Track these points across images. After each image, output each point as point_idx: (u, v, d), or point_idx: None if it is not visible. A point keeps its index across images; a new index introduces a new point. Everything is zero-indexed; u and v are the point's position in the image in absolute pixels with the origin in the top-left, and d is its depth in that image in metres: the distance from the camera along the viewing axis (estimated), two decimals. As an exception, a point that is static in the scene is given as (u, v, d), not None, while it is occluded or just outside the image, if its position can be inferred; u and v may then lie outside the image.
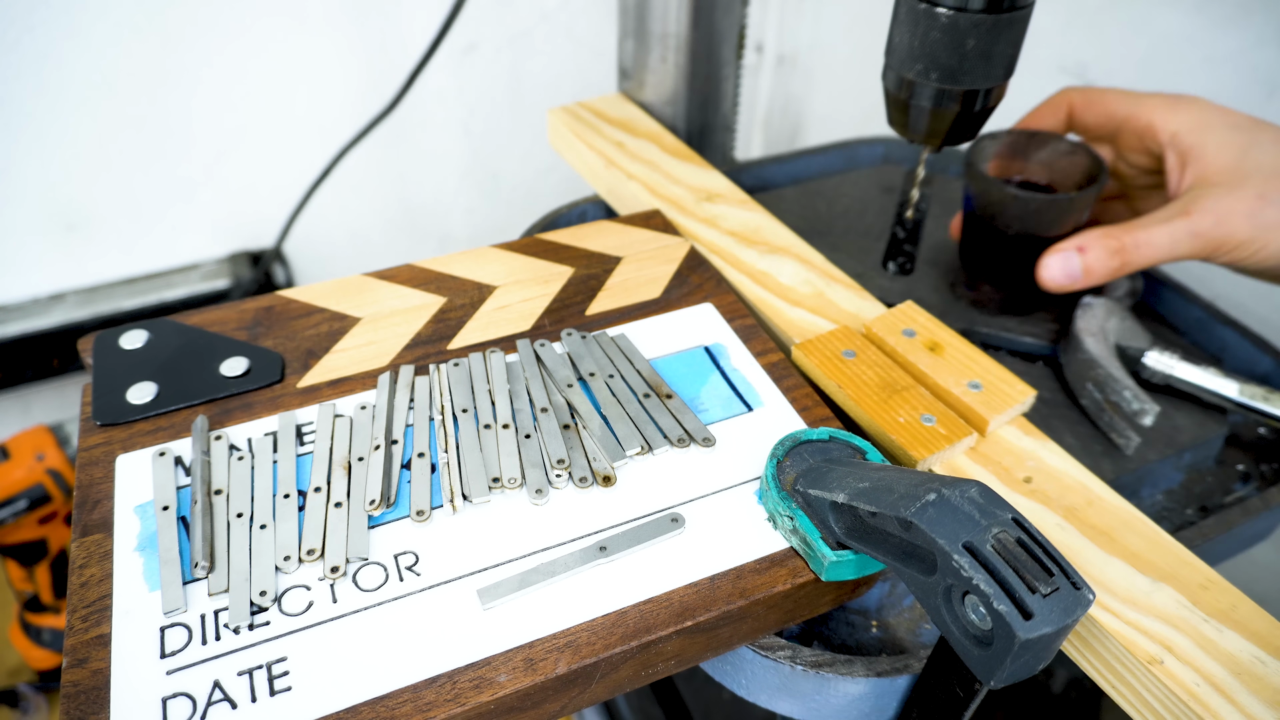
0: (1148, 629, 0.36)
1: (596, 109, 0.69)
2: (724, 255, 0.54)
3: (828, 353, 0.46)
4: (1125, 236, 0.50)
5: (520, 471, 0.39)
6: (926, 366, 0.46)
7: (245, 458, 0.40)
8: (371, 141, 1.00)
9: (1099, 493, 0.41)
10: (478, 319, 0.48)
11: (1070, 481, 0.42)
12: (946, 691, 0.33)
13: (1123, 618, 0.36)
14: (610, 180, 0.62)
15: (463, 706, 0.31)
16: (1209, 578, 0.38)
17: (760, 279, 0.53)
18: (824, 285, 0.52)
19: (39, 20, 0.86)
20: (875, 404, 0.44)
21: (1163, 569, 0.38)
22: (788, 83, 1.24)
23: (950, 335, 0.47)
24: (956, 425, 0.43)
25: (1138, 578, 0.38)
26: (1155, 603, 0.37)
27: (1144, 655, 0.35)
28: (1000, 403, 0.44)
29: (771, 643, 0.38)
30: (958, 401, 0.44)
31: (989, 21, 0.42)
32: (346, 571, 0.35)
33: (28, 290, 1.01)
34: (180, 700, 0.31)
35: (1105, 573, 0.38)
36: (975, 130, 0.47)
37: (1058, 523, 0.40)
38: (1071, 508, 0.41)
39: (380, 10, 0.99)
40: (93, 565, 0.36)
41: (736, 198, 0.60)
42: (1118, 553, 0.39)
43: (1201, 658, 0.35)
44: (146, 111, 0.95)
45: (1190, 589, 0.37)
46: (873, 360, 0.46)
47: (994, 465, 0.42)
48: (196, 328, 0.46)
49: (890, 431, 0.42)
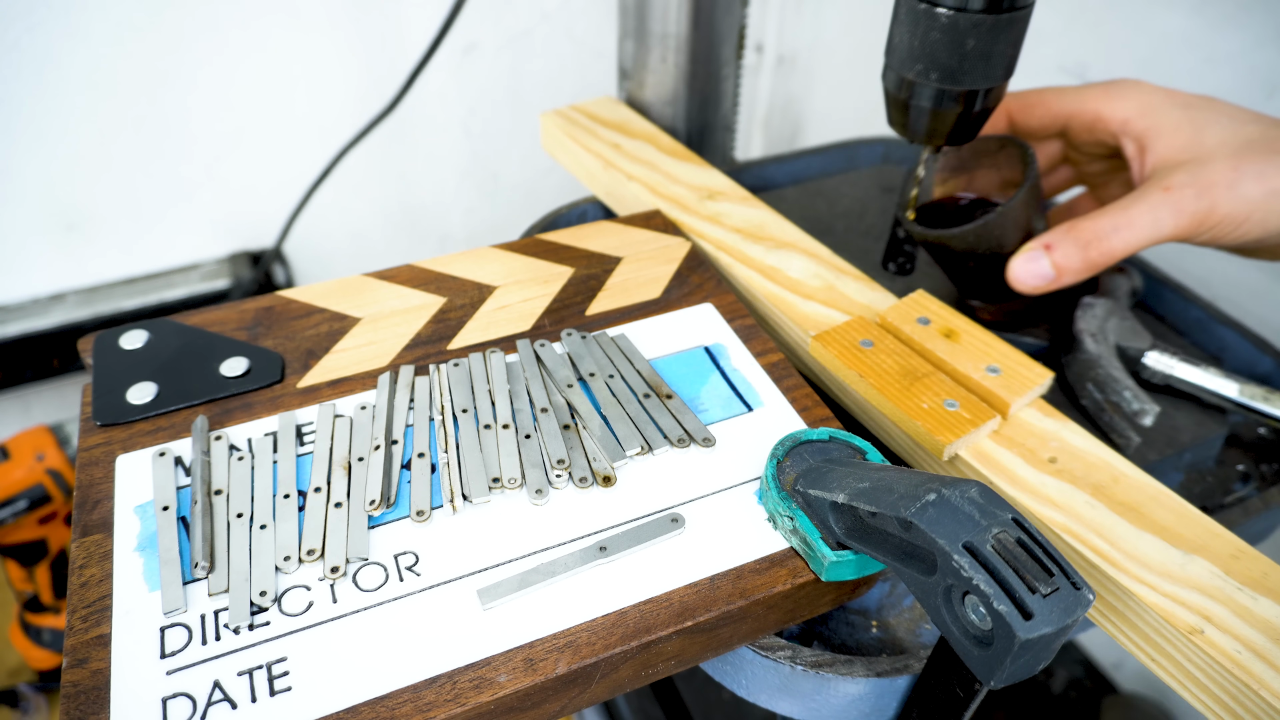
0: (1185, 600, 0.36)
1: (589, 112, 0.69)
2: (731, 252, 0.54)
3: (846, 343, 0.47)
4: (1096, 225, 0.48)
5: (520, 472, 0.39)
6: (944, 353, 0.46)
7: (245, 458, 0.40)
8: (371, 141, 1.00)
9: (1123, 469, 0.42)
10: (478, 319, 0.48)
11: (1094, 460, 0.42)
12: (946, 691, 0.33)
13: (1160, 590, 0.37)
14: (609, 182, 0.62)
15: (463, 707, 0.31)
16: (1239, 548, 0.39)
17: (770, 274, 0.53)
18: (834, 278, 0.53)
19: (39, 20, 0.86)
20: (898, 392, 0.44)
21: (1193, 541, 0.39)
22: (788, 83, 1.24)
23: (964, 321, 0.48)
24: (980, 409, 0.43)
25: (1170, 551, 0.38)
26: (1190, 574, 0.37)
27: (1184, 626, 0.35)
28: (1020, 385, 0.44)
29: (771, 643, 0.38)
30: (978, 386, 0.44)
31: (989, 21, 0.42)
32: (346, 571, 0.35)
33: (28, 290, 1.01)
34: (180, 700, 0.31)
35: (1139, 547, 0.38)
36: (975, 130, 0.47)
37: (1087, 500, 0.40)
38: (1098, 485, 0.41)
39: (380, 10, 0.99)
40: (93, 565, 0.36)
41: (738, 195, 0.60)
42: (1148, 527, 0.39)
43: (1240, 625, 0.35)
44: (146, 112, 0.95)
45: (1222, 559, 0.38)
46: (891, 349, 0.46)
47: (1018, 447, 0.43)
48: (196, 328, 0.46)
49: (915, 418, 0.43)
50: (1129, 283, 0.57)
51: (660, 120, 0.70)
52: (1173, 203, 0.47)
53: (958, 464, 0.43)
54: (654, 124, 0.69)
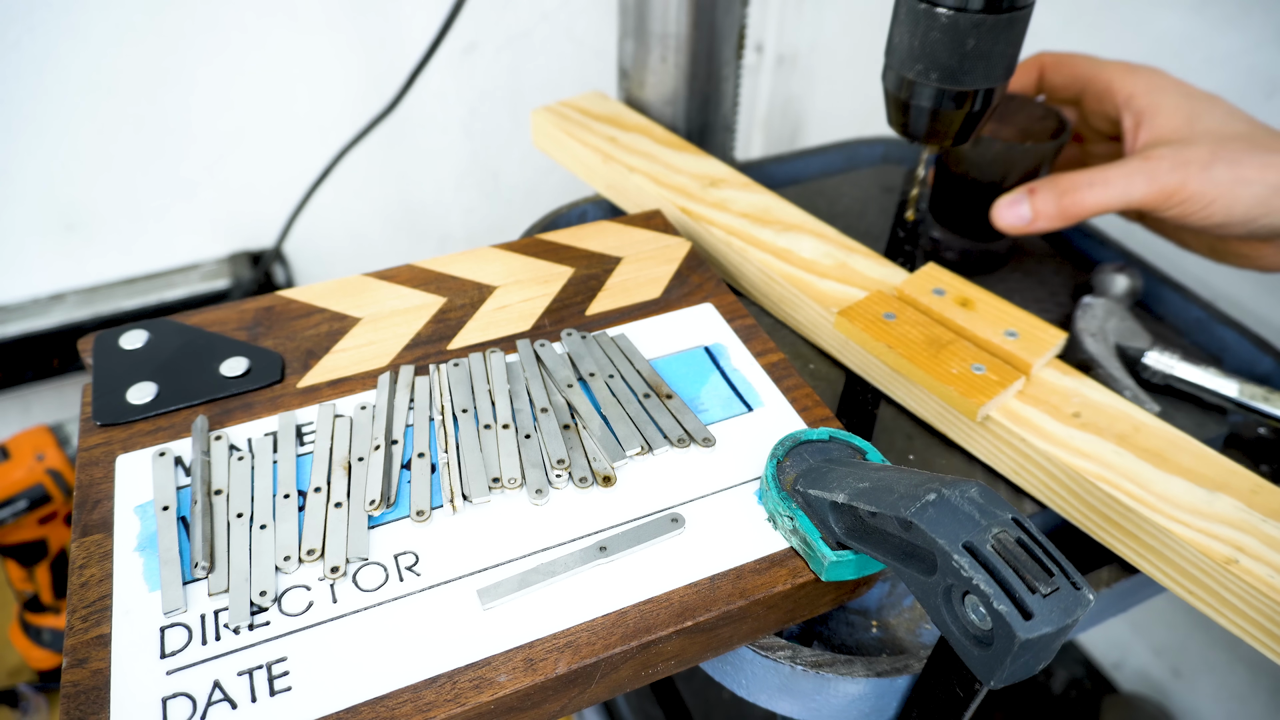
0: (1216, 534, 0.39)
1: (580, 107, 0.69)
2: (742, 236, 0.55)
3: (870, 317, 0.48)
4: (1074, 178, 0.52)
5: (520, 471, 0.39)
6: (963, 321, 0.48)
7: (245, 458, 0.40)
8: (371, 141, 1.00)
9: (1143, 419, 0.45)
10: (478, 319, 0.48)
11: (1115, 412, 0.45)
12: (946, 691, 0.33)
13: (1193, 526, 0.39)
14: (610, 175, 0.62)
15: (463, 706, 0.31)
16: (1257, 483, 0.41)
17: (783, 255, 0.54)
18: (845, 256, 0.54)
19: (39, 20, 0.86)
20: (927, 360, 0.46)
21: (1215, 480, 0.42)
22: (788, 83, 1.24)
23: (977, 291, 0.50)
24: (1005, 371, 0.45)
25: (1196, 490, 0.41)
26: (1217, 510, 0.40)
27: (1219, 557, 0.38)
28: (1039, 347, 0.46)
29: (771, 643, 0.38)
30: (999, 349, 0.47)
31: (989, 21, 0.42)
32: (346, 571, 0.35)
33: (28, 290, 1.01)
34: (180, 700, 0.31)
35: (1167, 489, 0.41)
36: (975, 130, 0.47)
37: (1113, 449, 0.43)
38: (1122, 434, 0.44)
39: (380, 10, 0.99)
40: (93, 565, 0.36)
41: (739, 181, 0.61)
42: (1172, 470, 0.42)
43: (1270, 553, 0.38)
44: (146, 111, 0.95)
45: (1243, 494, 0.41)
46: (913, 320, 0.48)
47: (1044, 404, 0.45)
48: (196, 328, 0.46)
49: (947, 383, 0.45)
50: (1129, 282, 0.57)
51: (660, 120, 0.70)
52: (1148, 171, 0.50)
53: (990, 424, 0.45)
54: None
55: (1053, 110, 0.58)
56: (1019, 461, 0.45)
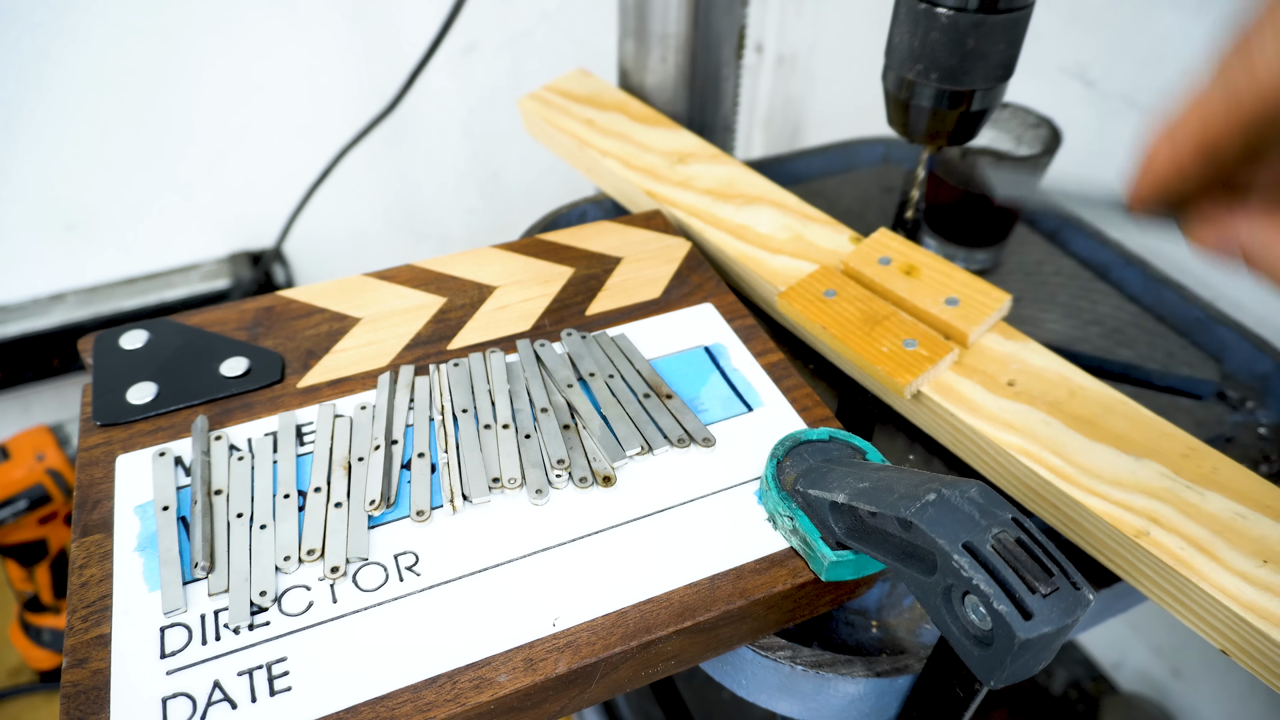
0: (1132, 504, 0.38)
1: (562, 89, 0.69)
2: (702, 216, 0.55)
3: (810, 296, 0.48)
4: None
5: (520, 471, 0.39)
6: (904, 291, 0.47)
7: (245, 458, 0.40)
8: (371, 141, 1.00)
9: (1080, 382, 0.44)
10: (478, 319, 0.48)
11: (1053, 377, 0.44)
12: (946, 691, 0.33)
13: (1108, 499, 0.39)
14: (587, 160, 0.63)
15: (463, 706, 0.31)
16: (1189, 445, 0.41)
17: (740, 233, 0.54)
18: (801, 226, 0.54)
19: (39, 20, 0.86)
20: (859, 339, 0.45)
21: (1145, 445, 0.41)
22: (788, 83, 1.24)
23: (924, 255, 0.49)
24: (938, 345, 0.44)
25: (1121, 458, 0.40)
26: (1139, 479, 0.39)
27: (1131, 530, 0.38)
28: (977, 314, 0.46)
29: (771, 643, 0.38)
30: (936, 320, 0.46)
31: (989, 22, 0.42)
32: (346, 571, 0.35)
33: (28, 290, 1.01)
34: (180, 700, 0.31)
35: (1091, 459, 0.40)
36: (975, 130, 0.47)
37: (1043, 419, 0.42)
38: (1055, 402, 0.43)
39: (380, 10, 0.99)
40: (93, 565, 0.36)
41: (708, 153, 0.61)
42: (1101, 437, 0.41)
43: (1184, 523, 0.38)
44: (146, 111, 0.95)
45: (1172, 459, 0.40)
46: (853, 295, 0.48)
47: (979, 374, 0.45)
48: (196, 328, 0.46)
49: (875, 363, 0.44)
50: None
51: (660, 120, 0.70)
52: None
53: (922, 400, 0.44)
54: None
55: (1045, 119, 0.57)
56: (955, 436, 0.45)
